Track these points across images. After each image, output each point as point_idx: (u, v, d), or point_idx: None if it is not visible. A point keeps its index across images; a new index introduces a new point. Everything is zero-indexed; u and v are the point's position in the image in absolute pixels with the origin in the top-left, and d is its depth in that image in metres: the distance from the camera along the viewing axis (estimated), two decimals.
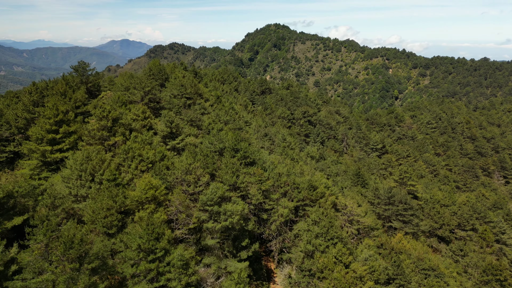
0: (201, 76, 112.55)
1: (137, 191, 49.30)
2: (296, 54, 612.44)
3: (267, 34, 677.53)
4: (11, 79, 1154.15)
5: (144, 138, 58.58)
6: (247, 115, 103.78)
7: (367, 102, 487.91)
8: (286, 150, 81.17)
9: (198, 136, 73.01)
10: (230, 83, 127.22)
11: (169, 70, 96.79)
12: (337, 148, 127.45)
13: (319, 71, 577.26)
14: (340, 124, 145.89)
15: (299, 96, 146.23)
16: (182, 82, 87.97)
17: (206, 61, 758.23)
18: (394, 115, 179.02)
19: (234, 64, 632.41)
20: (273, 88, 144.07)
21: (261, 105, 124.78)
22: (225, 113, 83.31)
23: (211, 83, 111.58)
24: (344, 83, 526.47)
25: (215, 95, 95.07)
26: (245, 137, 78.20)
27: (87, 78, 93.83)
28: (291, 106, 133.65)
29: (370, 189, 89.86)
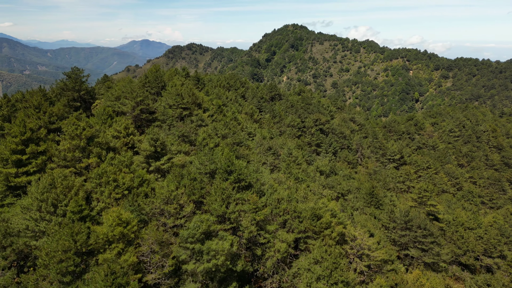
0: (204, 82, 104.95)
1: (104, 226, 41.87)
2: (314, 55, 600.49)
3: (285, 34, 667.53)
4: (35, 78, 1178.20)
5: (122, 159, 51.11)
6: (252, 125, 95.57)
7: (386, 105, 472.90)
8: (290, 167, 72.62)
9: (191, 153, 65.27)
10: (236, 89, 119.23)
11: (167, 77, 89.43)
12: (351, 160, 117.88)
13: (337, 72, 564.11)
14: (355, 132, 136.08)
15: (311, 102, 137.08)
16: (180, 91, 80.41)
17: (223, 61, 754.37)
18: (414, 122, 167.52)
19: (251, 64, 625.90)
20: (283, 94, 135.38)
21: (269, 112, 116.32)
22: (224, 125, 75.30)
23: (215, 89, 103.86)
24: (363, 85, 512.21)
25: (216, 104, 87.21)
26: (244, 154, 70.03)
27: (80, 85, 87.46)
28: (302, 114, 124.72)
29: (385, 211, 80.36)
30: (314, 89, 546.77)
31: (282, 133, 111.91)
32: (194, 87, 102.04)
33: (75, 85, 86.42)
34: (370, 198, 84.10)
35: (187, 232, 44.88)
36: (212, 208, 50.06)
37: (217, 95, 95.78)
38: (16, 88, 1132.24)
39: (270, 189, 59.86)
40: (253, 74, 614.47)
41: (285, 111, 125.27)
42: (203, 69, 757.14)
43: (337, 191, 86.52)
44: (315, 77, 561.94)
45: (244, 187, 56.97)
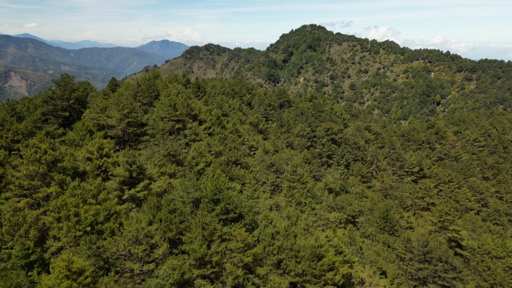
0: (205, 90, 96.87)
1: (52, 278, 34.40)
2: (332, 56, 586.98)
3: (302, 35, 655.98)
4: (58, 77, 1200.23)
5: (88, 188, 43.66)
6: (255, 137, 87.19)
7: (405, 107, 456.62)
8: (292, 190, 63.95)
9: (177, 174, 57.43)
10: (242, 96, 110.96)
11: (162, 85, 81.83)
12: (365, 173, 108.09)
13: (355, 74, 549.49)
14: (370, 142, 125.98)
15: (323, 109, 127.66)
16: (173, 101, 72.78)
17: (240, 62, 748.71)
18: (435, 130, 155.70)
19: (267, 65, 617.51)
20: (293, 100, 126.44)
21: (277, 121, 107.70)
22: (219, 140, 67.21)
23: (217, 97, 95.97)
24: (382, 87, 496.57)
25: (215, 115, 79.18)
26: (239, 174, 61.74)
27: (70, 94, 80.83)
28: (312, 122, 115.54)
29: (400, 239, 70.80)
30: (331, 90, 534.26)
31: (289, 144, 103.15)
32: (193, 96, 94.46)
33: (63, 93, 79.81)
34: (383, 223, 74.57)
35: (155, 282, 37.08)
36: (190, 248, 42.12)
37: (218, 104, 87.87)
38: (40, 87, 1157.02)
39: (264, 220, 51.48)
40: (269, 75, 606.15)
41: (294, 120, 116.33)
42: (220, 69, 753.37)
43: (347, 212, 77.27)
44: (333, 78, 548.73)
45: (233, 219, 48.82)
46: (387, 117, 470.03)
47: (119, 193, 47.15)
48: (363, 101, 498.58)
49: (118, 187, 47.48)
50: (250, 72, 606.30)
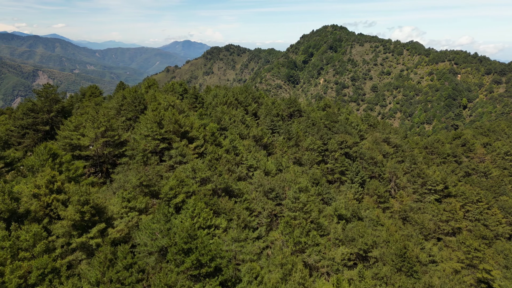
0: (202, 101, 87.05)
1: None
2: (353, 57, 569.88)
3: (323, 35, 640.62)
4: (83, 77, 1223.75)
5: (23, 237, 34.88)
6: (257, 154, 77.20)
7: (430, 111, 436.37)
8: (288, 228, 53.68)
9: (150, 209, 48.15)
10: (247, 106, 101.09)
11: (150, 98, 72.63)
12: (382, 192, 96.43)
13: (377, 75, 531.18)
14: (389, 156, 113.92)
15: (338, 119, 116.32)
16: (160, 116, 63.69)
17: (260, 62, 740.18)
18: (461, 142, 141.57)
19: (287, 66, 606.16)
20: (304, 110, 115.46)
21: (284, 133, 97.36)
22: (208, 163, 57.65)
23: (217, 108, 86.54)
24: (405, 89, 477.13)
25: (209, 131, 69.64)
26: (226, 208, 51.95)
27: (51, 105, 72.96)
28: (325, 134, 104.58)
29: (420, 282, 59.51)
30: (352, 92, 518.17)
31: (297, 160, 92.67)
32: (190, 107, 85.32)
33: (44, 105, 71.96)
34: (400, 262, 63.32)
35: None
36: None
37: (216, 117, 78.37)
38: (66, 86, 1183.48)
39: (248, 274, 41.62)
40: (289, 76, 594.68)
41: (305, 131, 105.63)
42: (240, 70, 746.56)
43: (358, 246, 66.42)
44: (354, 80, 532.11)
45: (208, 273, 39.20)
46: (410, 120, 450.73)
47: (66, 240, 38.20)
48: (385, 104, 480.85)
49: (66, 232, 38.54)
50: (270, 73, 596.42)
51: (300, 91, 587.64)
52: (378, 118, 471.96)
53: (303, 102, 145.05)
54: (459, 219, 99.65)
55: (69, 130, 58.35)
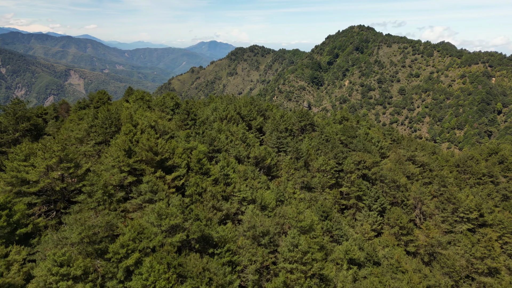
0: (195, 117, 75.14)
1: None
2: (380, 58, 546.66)
3: (349, 36, 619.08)
4: (112, 77, 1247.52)
5: None
6: (254, 182, 65.12)
7: (461, 116, 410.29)
8: None
9: (95, 273, 37.01)
10: (251, 120, 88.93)
11: (124, 118, 61.62)
12: (404, 223, 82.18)
13: (405, 78, 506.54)
14: (414, 178, 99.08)
15: (356, 134, 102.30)
16: (133, 141, 52.72)
17: (284, 63, 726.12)
18: (498, 159, 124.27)
19: (311, 67, 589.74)
20: (318, 123, 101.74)
21: (292, 152, 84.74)
22: (182, 205, 46.11)
23: (214, 125, 74.91)
24: (434, 93, 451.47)
25: (195, 157, 58.11)
26: (197, 269, 40.12)
27: (16, 124, 63.50)
28: (340, 153, 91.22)
29: None
30: (378, 95, 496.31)
31: (305, 185, 79.96)
32: (181, 124, 74.04)
33: (9, 124, 62.55)
34: None
35: None
36: None
37: (208, 137, 66.85)
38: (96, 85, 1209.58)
39: None
40: (312, 78, 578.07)
41: (317, 149, 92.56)
42: (264, 71, 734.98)
43: None
44: (380, 82, 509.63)
45: None
46: (439, 125, 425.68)
47: None
48: (412, 108, 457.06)
49: None
50: (293, 74, 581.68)
51: (324, 93, 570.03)
52: (406, 121, 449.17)
53: (318, 114, 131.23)
54: (496, 256, 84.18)
55: (19, 160, 48.19)
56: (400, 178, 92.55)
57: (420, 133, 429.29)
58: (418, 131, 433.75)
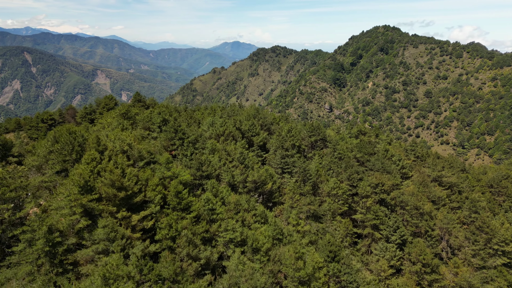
0: (183, 135, 64.81)
1: None
2: (406, 60, 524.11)
3: (374, 36, 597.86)
4: (137, 76, 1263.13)
5: None
6: (246, 216, 54.61)
7: (492, 121, 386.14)
8: None
9: None
10: (253, 136, 78.15)
11: (91, 141, 52.03)
12: (428, 259, 69.79)
13: (432, 80, 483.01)
14: (441, 202, 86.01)
15: (374, 151, 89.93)
16: (97, 171, 43.35)
17: (306, 64, 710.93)
18: None
19: (333, 69, 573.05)
20: (331, 138, 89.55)
21: (299, 174, 73.71)
22: (138, 262, 36.19)
23: (207, 143, 64.80)
24: (463, 96, 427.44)
25: (173, 189, 48.09)
26: None
27: None
28: (354, 173, 79.47)
29: None
30: (403, 97, 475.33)
31: (312, 214, 68.81)
32: (168, 144, 64.20)
33: None
34: None
35: None
36: None
37: (197, 160, 56.70)
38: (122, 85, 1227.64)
39: None
40: (335, 79, 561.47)
41: (328, 169, 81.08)
42: (285, 72, 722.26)
43: None
44: (405, 84, 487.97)
45: None
46: (468, 130, 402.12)
47: None
48: (439, 111, 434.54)
49: None
50: (315, 75, 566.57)
51: (346, 95, 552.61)
52: (432, 126, 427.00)
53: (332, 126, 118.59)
54: None
55: None
56: (424, 205, 79.86)
57: (447, 138, 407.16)
58: (445, 136, 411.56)
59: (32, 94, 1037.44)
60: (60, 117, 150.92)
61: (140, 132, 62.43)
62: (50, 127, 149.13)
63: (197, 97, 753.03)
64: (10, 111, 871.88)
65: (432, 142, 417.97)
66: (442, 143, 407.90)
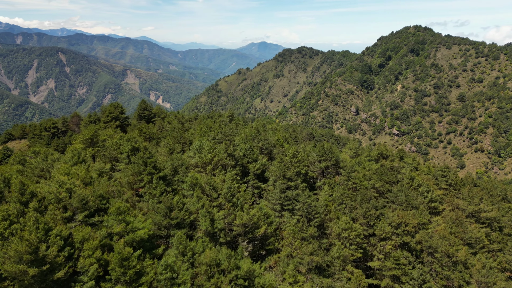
0: (153, 171, 52.40)
1: None
2: (438, 61, 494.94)
3: (404, 37, 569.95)
4: (165, 77, 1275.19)
5: None
6: (221, 284, 41.90)
7: None
8: None
9: None
10: (249, 162, 64.75)
11: (14, 185, 40.41)
12: None
13: (466, 83, 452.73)
14: (477, 245, 70.05)
15: (397, 178, 74.63)
16: (10, 233, 31.85)
17: (333, 65, 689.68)
18: None
19: (360, 70, 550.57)
20: (345, 164, 74.76)
21: (302, 211, 60.28)
22: None
23: (186, 176, 52.41)
24: (500, 101, 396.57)
25: (117, 254, 35.89)
26: None
27: None
28: (371, 209, 65.25)
29: None
30: (434, 101, 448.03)
31: (317, 266, 55.22)
32: (134, 181, 52.18)
33: None
34: None
35: None
36: None
37: (165, 204, 44.39)
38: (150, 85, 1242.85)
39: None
40: (362, 81, 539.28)
41: (340, 203, 67.07)
42: (311, 73, 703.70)
43: None
44: (437, 87, 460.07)
45: None
46: (505, 137, 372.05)
47: None
48: (474, 117, 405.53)
49: None
50: (341, 77, 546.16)
51: (374, 98, 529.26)
52: (465, 132, 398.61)
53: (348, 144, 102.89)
54: None
55: None
56: (457, 251, 64.44)
57: (481, 146, 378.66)
58: (480, 143, 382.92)
59: (66, 93, 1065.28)
60: (63, 125, 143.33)
61: (98, 166, 50.91)
62: (53, 135, 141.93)
63: (222, 98, 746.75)
64: (45, 109, 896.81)
65: (465, 150, 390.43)
66: (476, 151, 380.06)
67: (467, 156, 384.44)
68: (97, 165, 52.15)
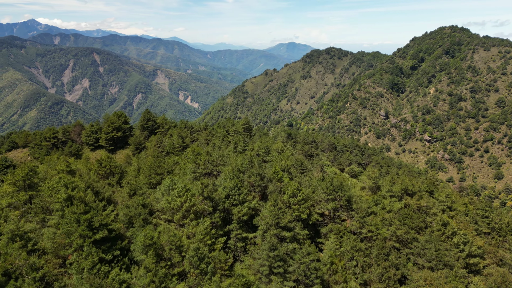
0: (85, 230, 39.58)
1: None
2: (475, 64, 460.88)
3: (439, 38, 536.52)
4: (194, 77, 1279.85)
5: None
6: None
7: None
8: None
9: None
10: (234, 205, 50.90)
11: None
12: None
13: (505, 87, 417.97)
14: None
15: (426, 224, 57.96)
16: None
17: (362, 67, 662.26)
18: None
19: (391, 72, 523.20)
20: (359, 204, 58.88)
21: (298, 274, 46.10)
22: None
23: (140, 232, 39.67)
24: None
25: None
26: None
27: None
28: (391, 267, 50.07)
29: None
30: (470, 106, 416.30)
31: None
32: (62, 240, 39.56)
33: None
34: None
35: None
36: None
37: (91, 282, 31.77)
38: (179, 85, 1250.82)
39: None
40: (392, 84, 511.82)
41: (349, 258, 52.18)
42: (339, 74, 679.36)
43: None
44: (474, 91, 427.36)
45: None
46: None
47: None
48: None
49: None
50: (370, 79, 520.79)
51: (405, 101, 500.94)
52: (504, 140, 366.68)
53: (368, 170, 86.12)
54: None
55: None
56: None
57: None
58: None
59: (99, 92, 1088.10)
60: (64, 135, 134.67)
61: (12, 226, 38.09)
62: (53, 145, 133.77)
63: (248, 99, 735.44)
64: (79, 108, 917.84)
65: (503, 159, 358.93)
66: None
67: (506, 166, 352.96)
68: (11, 225, 39.50)
